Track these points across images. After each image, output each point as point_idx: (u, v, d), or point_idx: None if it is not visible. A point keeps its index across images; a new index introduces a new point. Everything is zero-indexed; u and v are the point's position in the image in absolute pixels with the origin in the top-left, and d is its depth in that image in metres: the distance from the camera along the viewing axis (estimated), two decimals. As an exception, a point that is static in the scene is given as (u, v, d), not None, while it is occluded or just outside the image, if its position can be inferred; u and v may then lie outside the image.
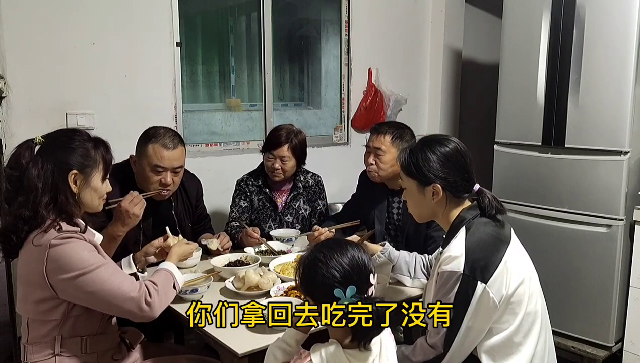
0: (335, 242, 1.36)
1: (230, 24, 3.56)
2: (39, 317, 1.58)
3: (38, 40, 2.55)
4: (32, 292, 1.56)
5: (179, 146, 2.21)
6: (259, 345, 1.55)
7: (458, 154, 1.66)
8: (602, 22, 2.63)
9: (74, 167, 1.59)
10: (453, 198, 1.66)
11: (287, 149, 2.58)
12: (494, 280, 1.52)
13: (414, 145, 1.71)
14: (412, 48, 3.99)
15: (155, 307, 1.59)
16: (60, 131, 1.68)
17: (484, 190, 1.67)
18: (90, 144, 1.65)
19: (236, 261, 2.18)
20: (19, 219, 1.53)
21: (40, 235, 1.52)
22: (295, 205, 2.71)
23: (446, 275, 1.55)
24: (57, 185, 1.56)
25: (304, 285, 1.35)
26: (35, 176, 1.53)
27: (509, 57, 3.01)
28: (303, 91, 3.90)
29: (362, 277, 1.30)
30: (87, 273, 1.51)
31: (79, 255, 1.52)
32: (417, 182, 1.67)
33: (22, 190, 1.54)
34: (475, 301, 1.52)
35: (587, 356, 2.80)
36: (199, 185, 2.54)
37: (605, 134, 2.66)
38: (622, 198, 2.65)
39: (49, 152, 1.57)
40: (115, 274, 1.58)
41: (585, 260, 2.78)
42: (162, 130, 2.23)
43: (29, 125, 2.56)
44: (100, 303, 1.56)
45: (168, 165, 2.18)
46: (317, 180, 2.79)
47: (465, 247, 1.55)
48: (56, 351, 1.58)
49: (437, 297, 1.59)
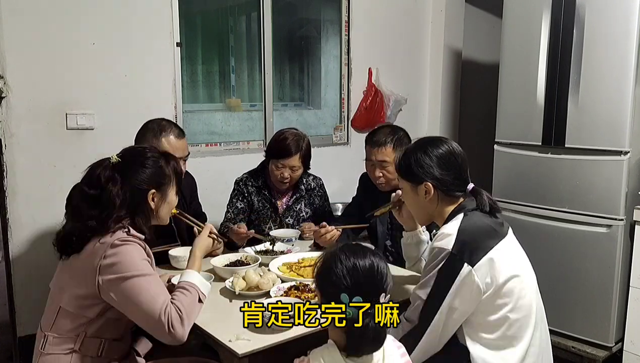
0: (361, 248, 1.34)
1: (230, 24, 3.56)
2: (73, 310, 1.59)
3: (38, 40, 2.55)
4: (76, 285, 1.58)
5: (184, 135, 2.33)
6: (259, 345, 1.55)
7: (451, 154, 1.70)
8: (602, 22, 2.63)
9: (152, 186, 1.66)
10: (446, 196, 1.70)
11: (298, 159, 2.53)
12: (480, 265, 1.54)
13: (408, 148, 1.77)
14: (412, 48, 4.00)
15: (179, 334, 1.52)
16: (133, 150, 1.75)
17: (478, 189, 1.71)
18: (163, 160, 1.72)
19: (236, 261, 2.17)
20: (86, 228, 1.57)
21: (109, 235, 1.56)
22: (297, 207, 2.70)
23: (435, 251, 1.59)
24: (137, 204, 1.63)
25: (318, 278, 1.35)
26: (114, 194, 1.59)
27: (509, 57, 3.01)
28: (303, 91, 3.90)
29: (373, 291, 1.29)
30: (132, 277, 1.52)
31: (133, 259, 1.54)
32: (410, 183, 1.73)
33: (98, 205, 1.59)
34: (459, 281, 1.53)
35: (587, 356, 2.80)
36: (192, 181, 2.55)
37: (605, 134, 2.66)
38: (622, 198, 2.65)
39: (127, 172, 1.63)
40: (152, 288, 1.54)
41: (585, 260, 2.78)
42: (164, 121, 2.31)
43: (29, 125, 2.56)
44: (131, 311, 1.54)
45: (182, 154, 2.25)
46: (318, 183, 2.77)
47: (459, 228, 1.59)
48: (76, 347, 1.59)
49: (424, 272, 1.63)
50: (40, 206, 2.61)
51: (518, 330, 1.60)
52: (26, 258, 2.62)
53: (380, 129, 2.46)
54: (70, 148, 2.66)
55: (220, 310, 1.82)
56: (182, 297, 1.59)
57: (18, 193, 2.57)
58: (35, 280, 2.59)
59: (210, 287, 1.74)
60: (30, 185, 2.59)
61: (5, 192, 2.54)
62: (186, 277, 1.68)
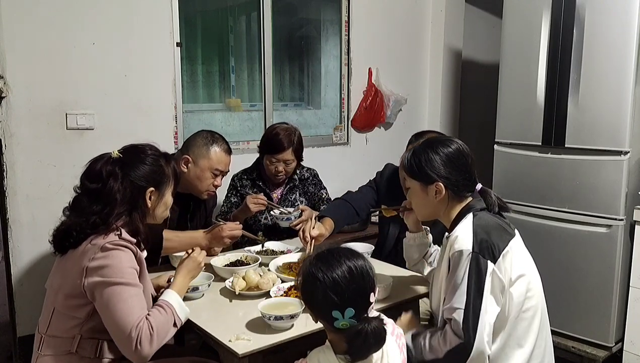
0: (333, 255, 1.31)
1: (230, 24, 3.55)
2: (66, 311, 1.59)
3: (38, 40, 2.55)
4: (66, 285, 1.58)
5: (231, 151, 2.42)
6: (259, 345, 1.55)
7: (460, 154, 1.69)
8: (602, 22, 2.62)
9: (151, 184, 1.66)
10: (455, 197, 1.69)
11: (291, 153, 2.62)
12: (500, 262, 1.54)
13: (417, 147, 1.74)
14: (412, 48, 3.99)
15: (144, 353, 1.47)
16: (134, 147, 1.72)
17: (487, 189, 1.72)
18: (163, 160, 1.71)
19: (236, 261, 2.17)
20: (88, 224, 1.56)
21: (101, 237, 1.55)
22: (292, 197, 2.75)
23: (456, 256, 1.56)
24: (135, 200, 1.62)
25: (304, 300, 1.36)
26: (116, 189, 1.59)
27: (509, 57, 3.01)
28: (303, 91, 3.89)
29: (362, 296, 1.28)
30: (115, 284, 1.51)
31: (120, 265, 1.53)
32: (420, 182, 1.70)
33: (100, 200, 1.59)
34: (488, 280, 1.52)
35: (587, 356, 2.80)
36: (215, 197, 2.59)
37: (605, 134, 2.66)
38: (622, 198, 2.65)
39: (127, 167, 1.63)
40: (132, 299, 1.51)
41: (585, 260, 2.78)
42: (217, 135, 2.40)
43: (29, 125, 2.56)
44: (106, 318, 1.52)
45: (225, 169, 2.37)
46: (312, 173, 2.85)
47: (473, 228, 1.58)
48: (72, 348, 1.58)
49: (449, 280, 1.57)
50: (40, 206, 2.60)
51: (525, 331, 1.59)
52: (26, 258, 2.62)
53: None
54: (70, 148, 2.66)
55: (220, 310, 1.82)
56: (157, 315, 1.54)
57: (18, 193, 2.57)
58: (35, 280, 2.58)
59: (188, 312, 1.65)
60: (30, 185, 2.58)
61: (5, 192, 2.54)
62: (166, 296, 1.62)
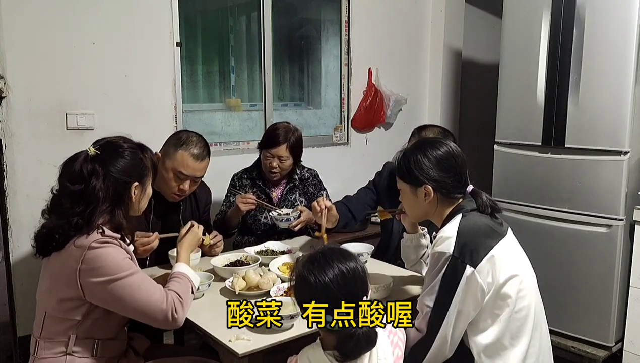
0: (324, 258, 1.32)
1: (230, 24, 3.56)
2: (58, 314, 1.58)
3: (38, 40, 2.55)
4: (58, 289, 1.57)
5: (205, 158, 2.25)
6: (259, 345, 1.55)
7: (450, 156, 1.69)
8: (602, 22, 2.62)
9: (134, 178, 1.64)
10: (445, 198, 1.69)
11: (285, 149, 2.60)
12: (482, 265, 1.53)
13: (407, 149, 1.75)
14: (412, 48, 3.99)
15: (180, 318, 1.61)
16: (109, 142, 1.67)
17: (477, 190, 1.71)
18: (139, 151, 1.69)
19: (236, 261, 2.17)
20: (70, 226, 1.54)
21: (84, 237, 1.53)
22: (291, 197, 2.74)
23: (436, 256, 1.58)
24: (119, 196, 1.60)
25: (297, 300, 1.36)
26: (99, 188, 1.56)
27: (509, 57, 3.01)
28: (303, 91, 3.90)
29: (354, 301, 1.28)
30: (120, 279, 1.53)
31: (115, 261, 1.53)
32: (409, 185, 1.71)
33: (82, 201, 1.56)
34: (463, 284, 1.52)
35: (587, 356, 2.80)
36: (208, 194, 2.57)
37: (605, 134, 2.66)
38: (622, 198, 2.65)
39: (108, 164, 1.60)
40: (145, 283, 1.58)
41: (585, 260, 2.78)
42: (195, 138, 2.25)
43: (29, 125, 2.56)
44: (128, 309, 1.57)
45: (191, 174, 2.21)
46: (313, 173, 2.84)
47: (458, 230, 1.58)
48: (68, 350, 1.58)
49: (427, 278, 1.62)
50: (40, 206, 2.55)
51: (518, 330, 1.59)
52: (26, 258, 2.62)
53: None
54: (70, 148, 2.58)
55: (220, 310, 1.81)
56: (177, 284, 1.67)
57: (18, 193, 2.57)
58: (35, 280, 2.56)
59: (199, 280, 1.82)
60: (30, 185, 2.58)
61: (5, 192, 2.54)
62: (177, 268, 1.76)
